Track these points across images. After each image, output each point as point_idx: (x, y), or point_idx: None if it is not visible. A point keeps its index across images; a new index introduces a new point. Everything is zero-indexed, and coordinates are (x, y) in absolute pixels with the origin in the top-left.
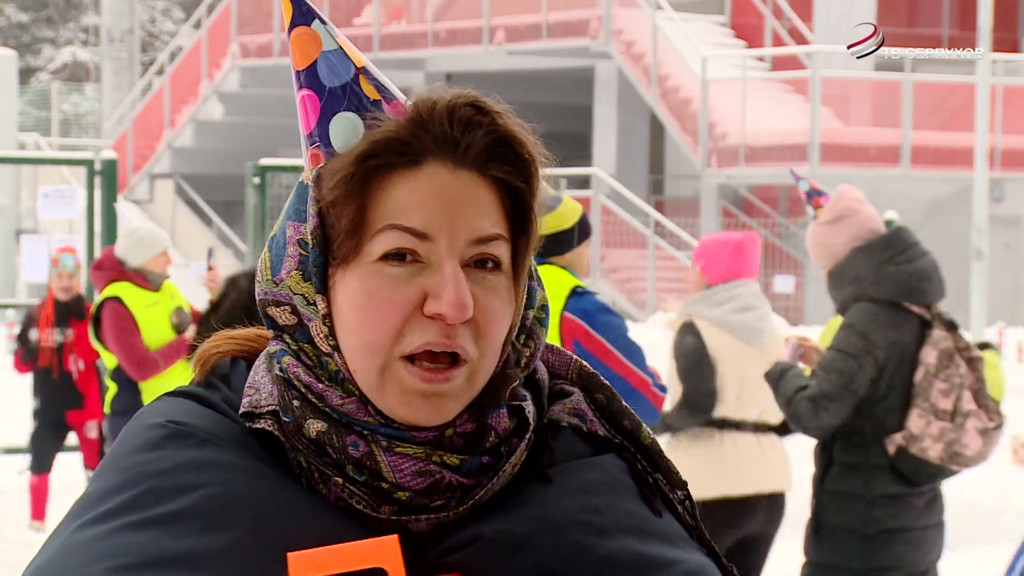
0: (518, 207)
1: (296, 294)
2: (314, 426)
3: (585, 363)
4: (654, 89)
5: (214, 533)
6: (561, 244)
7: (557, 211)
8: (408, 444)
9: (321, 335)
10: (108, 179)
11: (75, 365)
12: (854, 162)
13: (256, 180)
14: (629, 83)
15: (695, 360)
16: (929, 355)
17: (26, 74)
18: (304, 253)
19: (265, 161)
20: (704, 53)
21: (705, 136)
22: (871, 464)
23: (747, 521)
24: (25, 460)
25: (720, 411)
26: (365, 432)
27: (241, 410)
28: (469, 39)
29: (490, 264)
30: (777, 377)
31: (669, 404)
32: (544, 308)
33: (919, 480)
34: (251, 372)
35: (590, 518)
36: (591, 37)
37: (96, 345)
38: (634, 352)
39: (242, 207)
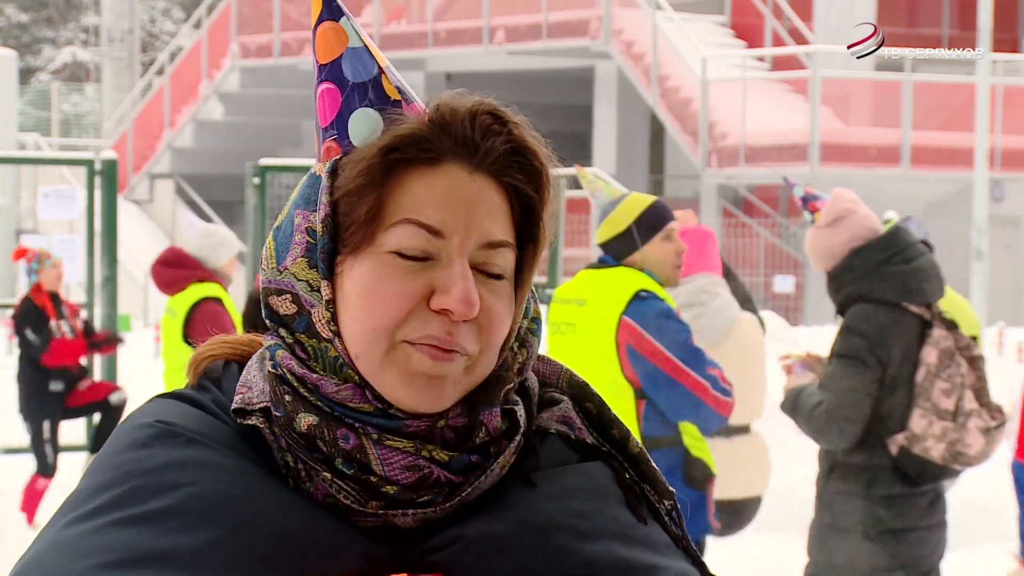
0: (527, 216)
1: (300, 280)
2: (305, 420)
3: (575, 373)
4: (654, 89)
5: (197, 531)
6: (621, 247)
7: (610, 216)
8: (399, 437)
9: (323, 321)
10: (108, 179)
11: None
12: (854, 162)
13: (256, 180)
14: (629, 83)
15: None
16: (930, 355)
17: (26, 74)
18: (311, 241)
19: (265, 161)
20: (704, 53)
21: (705, 136)
22: (874, 464)
23: None
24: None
25: None
26: (356, 425)
27: (233, 406)
28: (469, 39)
29: (495, 271)
30: (792, 403)
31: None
32: (536, 320)
33: (922, 480)
34: (244, 371)
35: (573, 522)
36: (591, 37)
37: (185, 347)
38: (693, 357)
39: (242, 207)
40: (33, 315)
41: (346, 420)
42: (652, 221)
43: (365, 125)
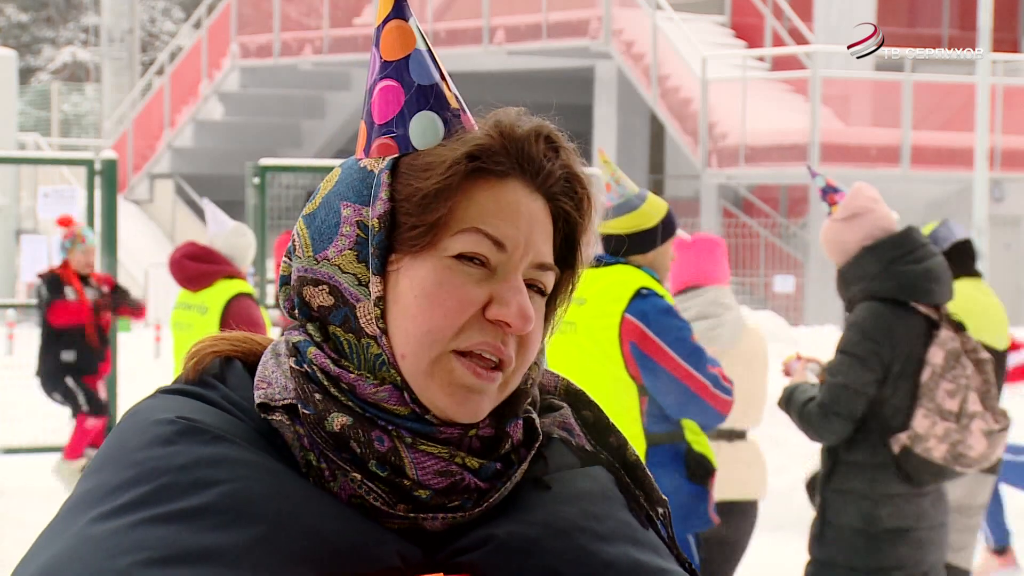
0: (567, 241)
1: (345, 273)
2: (339, 420)
3: (572, 382)
4: (654, 89)
5: (236, 529)
6: (643, 243)
7: (640, 210)
8: (431, 442)
9: (370, 317)
10: (108, 179)
11: (111, 322)
12: (854, 162)
13: (256, 180)
14: (629, 83)
15: None
16: (936, 355)
17: (26, 74)
18: (362, 235)
19: (265, 161)
20: (704, 53)
21: (705, 136)
22: (876, 463)
23: None
24: (25, 456)
25: None
26: (390, 427)
27: (257, 401)
28: (469, 39)
29: (537, 289)
30: (787, 399)
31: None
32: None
33: (922, 480)
34: (259, 367)
35: (592, 524)
36: (591, 37)
37: None
38: (694, 355)
39: (242, 207)
40: (52, 281)
41: (378, 422)
42: (672, 222)
43: (428, 129)
